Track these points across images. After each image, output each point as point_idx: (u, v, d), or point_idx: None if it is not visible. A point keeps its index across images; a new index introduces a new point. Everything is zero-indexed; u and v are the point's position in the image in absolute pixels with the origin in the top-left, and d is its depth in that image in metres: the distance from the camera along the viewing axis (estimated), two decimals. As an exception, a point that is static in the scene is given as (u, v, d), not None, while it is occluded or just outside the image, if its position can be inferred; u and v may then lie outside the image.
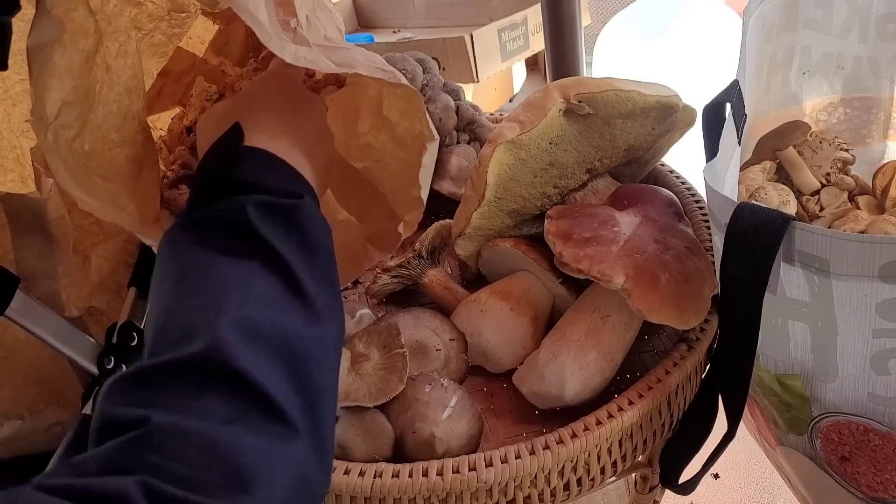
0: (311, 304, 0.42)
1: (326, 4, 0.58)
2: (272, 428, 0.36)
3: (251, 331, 0.38)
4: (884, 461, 0.56)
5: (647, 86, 0.67)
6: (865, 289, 0.49)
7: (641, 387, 0.58)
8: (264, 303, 0.40)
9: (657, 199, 0.68)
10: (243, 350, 0.37)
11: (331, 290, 0.45)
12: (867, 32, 0.75)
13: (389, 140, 0.61)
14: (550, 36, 1.02)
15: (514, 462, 0.53)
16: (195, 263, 0.42)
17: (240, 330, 0.38)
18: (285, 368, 0.38)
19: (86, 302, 0.72)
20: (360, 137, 0.63)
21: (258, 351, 0.38)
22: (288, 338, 0.40)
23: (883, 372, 0.52)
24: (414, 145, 0.59)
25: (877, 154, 0.83)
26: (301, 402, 0.38)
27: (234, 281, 0.40)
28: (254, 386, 0.36)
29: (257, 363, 0.37)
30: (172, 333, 0.38)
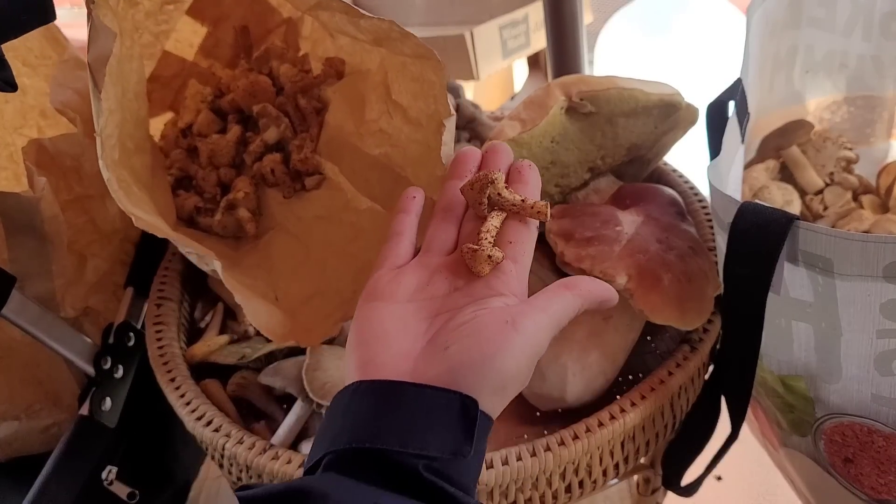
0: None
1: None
2: None
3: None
4: (888, 462, 0.56)
5: (649, 84, 0.66)
6: (869, 289, 0.49)
7: (644, 388, 0.58)
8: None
9: (660, 199, 0.67)
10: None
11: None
12: (871, 31, 0.75)
13: (403, 124, 0.60)
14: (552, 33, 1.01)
15: (514, 464, 0.53)
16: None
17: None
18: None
19: (82, 302, 0.72)
20: (371, 125, 0.62)
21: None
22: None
23: (887, 373, 0.52)
24: (430, 125, 0.58)
25: (880, 153, 0.82)
26: None
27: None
28: None
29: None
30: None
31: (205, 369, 0.67)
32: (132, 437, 0.70)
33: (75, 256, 0.71)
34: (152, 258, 0.78)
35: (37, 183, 0.64)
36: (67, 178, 0.69)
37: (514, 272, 0.43)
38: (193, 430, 0.60)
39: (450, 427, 0.37)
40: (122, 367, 0.70)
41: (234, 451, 0.56)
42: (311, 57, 0.74)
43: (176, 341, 0.68)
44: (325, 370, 0.58)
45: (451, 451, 0.37)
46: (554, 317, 0.41)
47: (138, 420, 0.70)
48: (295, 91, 0.70)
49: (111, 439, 0.67)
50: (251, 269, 0.65)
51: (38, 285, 0.68)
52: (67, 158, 0.67)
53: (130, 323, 0.72)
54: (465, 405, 0.38)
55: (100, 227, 0.73)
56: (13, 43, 0.54)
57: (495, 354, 0.39)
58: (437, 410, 0.37)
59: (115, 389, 0.69)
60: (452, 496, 0.36)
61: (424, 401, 0.37)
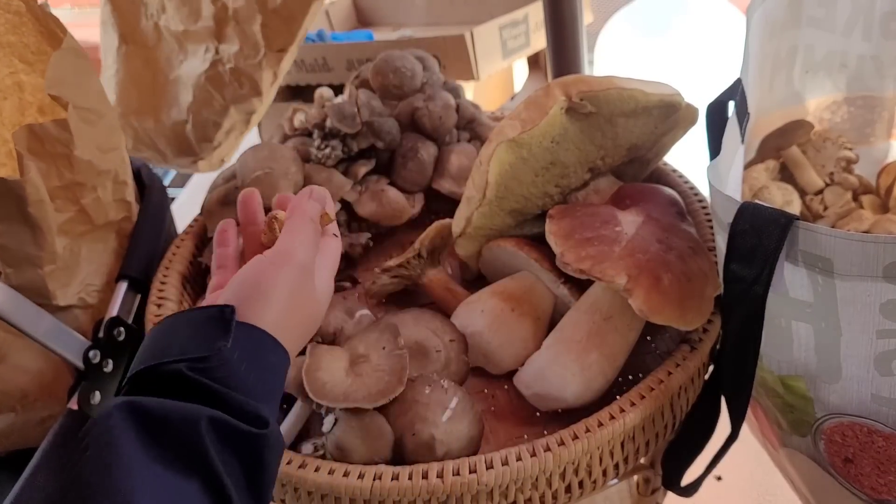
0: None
1: None
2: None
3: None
4: (887, 462, 0.55)
5: (649, 84, 0.66)
6: (869, 289, 0.49)
7: (643, 388, 0.58)
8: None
9: (660, 199, 0.67)
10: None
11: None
12: (871, 30, 0.75)
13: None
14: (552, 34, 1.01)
15: (514, 464, 0.53)
16: (126, 461, 0.37)
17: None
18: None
19: (74, 290, 0.72)
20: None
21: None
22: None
23: (887, 373, 0.52)
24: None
25: (881, 153, 0.82)
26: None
27: (162, 496, 0.37)
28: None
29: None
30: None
31: (205, 369, 0.67)
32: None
33: (68, 245, 0.71)
34: (145, 252, 0.78)
35: (26, 168, 0.64)
36: (58, 165, 0.69)
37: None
38: (193, 431, 0.60)
39: (208, 331, 0.44)
40: (112, 362, 0.70)
41: (234, 451, 0.56)
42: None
43: (176, 341, 0.68)
44: (325, 370, 0.58)
45: (209, 349, 0.43)
46: (304, 243, 0.50)
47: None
48: None
49: None
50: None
51: (28, 272, 0.68)
52: (58, 144, 0.68)
53: (120, 318, 0.72)
54: (221, 311, 0.45)
55: (92, 218, 0.73)
56: (9, 39, 0.54)
57: (259, 280, 0.48)
58: (199, 322, 0.45)
59: (104, 384, 0.69)
60: (209, 387, 0.41)
61: (192, 319, 0.45)
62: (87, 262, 0.74)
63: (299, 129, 0.85)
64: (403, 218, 0.82)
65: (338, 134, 0.81)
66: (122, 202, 0.78)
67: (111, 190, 0.76)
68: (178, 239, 0.80)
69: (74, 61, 0.71)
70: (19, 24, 0.73)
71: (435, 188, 0.84)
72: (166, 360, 0.42)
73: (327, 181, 0.80)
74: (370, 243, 0.82)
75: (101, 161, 0.73)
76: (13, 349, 0.71)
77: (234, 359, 0.43)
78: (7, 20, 0.71)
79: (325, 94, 0.83)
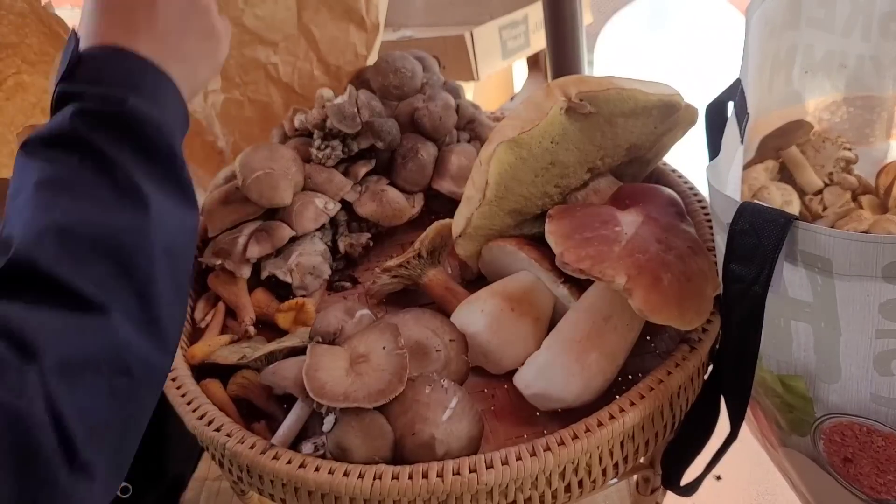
0: (141, 199, 0.46)
1: None
2: (77, 314, 0.41)
3: (61, 232, 0.43)
4: (887, 462, 0.56)
5: (648, 84, 0.66)
6: (868, 289, 0.49)
7: (643, 388, 0.58)
8: (82, 203, 0.44)
9: (659, 199, 0.67)
10: (49, 252, 0.42)
11: (177, 184, 0.49)
12: (870, 31, 0.75)
13: None
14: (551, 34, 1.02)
15: (514, 463, 0.53)
16: (22, 176, 0.45)
17: (50, 234, 0.42)
18: (102, 261, 0.43)
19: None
20: None
21: (66, 250, 0.42)
22: (105, 233, 0.44)
23: (886, 373, 0.52)
24: None
25: (880, 153, 0.82)
26: (123, 288, 0.44)
27: (53, 185, 0.45)
28: (58, 282, 0.41)
29: (61, 262, 0.42)
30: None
31: (205, 369, 0.67)
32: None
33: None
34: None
35: None
36: None
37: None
38: (195, 430, 0.60)
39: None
40: None
41: (235, 450, 0.56)
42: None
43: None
44: (326, 370, 0.58)
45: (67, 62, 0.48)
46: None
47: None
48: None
49: None
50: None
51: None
52: None
53: None
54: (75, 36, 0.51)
55: None
56: (12, 40, 0.56)
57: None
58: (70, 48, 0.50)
59: None
60: (71, 92, 0.47)
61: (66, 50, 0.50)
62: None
63: (299, 129, 0.85)
64: (403, 218, 0.82)
65: (338, 134, 0.81)
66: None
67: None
68: (179, 239, 0.80)
69: None
70: (22, 26, 0.73)
71: (435, 188, 0.84)
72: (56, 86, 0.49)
73: (328, 181, 0.80)
74: (370, 243, 0.82)
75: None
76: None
77: (92, 66, 0.49)
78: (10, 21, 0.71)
79: (325, 94, 0.83)
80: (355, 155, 0.83)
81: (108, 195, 0.45)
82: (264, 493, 0.59)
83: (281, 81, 0.93)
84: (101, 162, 0.46)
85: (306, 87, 0.94)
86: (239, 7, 0.87)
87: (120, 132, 0.47)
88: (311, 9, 0.90)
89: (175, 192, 0.49)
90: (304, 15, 0.90)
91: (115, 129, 0.47)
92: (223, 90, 0.93)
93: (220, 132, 0.99)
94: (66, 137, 0.46)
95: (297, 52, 0.92)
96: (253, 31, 0.89)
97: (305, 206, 0.78)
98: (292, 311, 0.73)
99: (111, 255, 0.44)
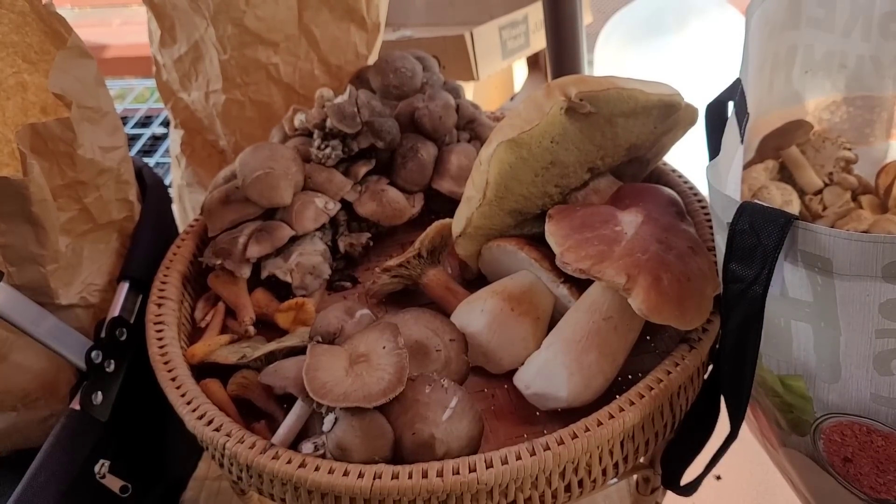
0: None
1: None
2: None
3: None
4: (886, 462, 0.56)
5: (648, 84, 0.66)
6: (868, 289, 0.49)
7: (643, 388, 0.58)
8: None
9: (659, 199, 0.67)
10: None
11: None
12: (870, 31, 0.75)
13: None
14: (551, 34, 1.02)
15: (514, 463, 0.53)
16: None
17: None
18: None
19: (76, 289, 0.72)
20: None
21: None
22: None
23: (886, 372, 0.52)
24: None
25: (880, 153, 0.82)
26: None
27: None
28: None
29: None
30: None
31: (205, 369, 0.68)
32: (125, 431, 0.70)
33: (70, 244, 0.71)
34: (147, 252, 0.78)
35: (29, 167, 0.65)
36: (61, 163, 0.69)
37: None
38: (194, 430, 0.60)
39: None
40: (114, 362, 0.70)
41: (235, 450, 0.57)
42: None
43: (176, 341, 0.69)
44: (325, 370, 0.58)
45: None
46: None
47: (132, 414, 0.71)
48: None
49: (103, 433, 0.68)
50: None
51: (30, 271, 0.68)
52: (61, 143, 0.68)
53: (123, 317, 0.72)
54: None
55: (94, 217, 0.74)
56: (13, 39, 0.54)
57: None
58: None
59: (106, 384, 0.69)
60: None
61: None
62: (90, 261, 0.74)
63: (299, 129, 0.85)
64: (404, 218, 0.82)
65: (338, 134, 0.81)
66: (125, 201, 0.78)
67: (113, 189, 0.76)
68: (179, 239, 0.80)
69: (79, 60, 0.71)
70: (23, 24, 0.73)
71: (435, 188, 0.84)
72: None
73: (328, 181, 0.81)
74: (370, 243, 0.82)
75: (104, 160, 0.74)
76: (14, 348, 0.71)
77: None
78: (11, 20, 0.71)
79: (325, 94, 0.83)
80: (355, 154, 0.83)
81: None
82: (264, 492, 0.59)
83: (282, 81, 0.93)
84: None
85: (307, 87, 0.94)
86: (241, 8, 0.86)
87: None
88: (312, 9, 0.90)
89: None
90: (305, 15, 0.89)
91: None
92: (224, 91, 0.93)
93: (222, 132, 0.99)
94: None
95: (298, 52, 0.92)
96: (254, 32, 0.88)
97: (305, 205, 0.78)
98: (292, 311, 0.73)
99: None
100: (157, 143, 1.74)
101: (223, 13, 0.87)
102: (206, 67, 0.94)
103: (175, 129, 1.04)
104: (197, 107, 0.98)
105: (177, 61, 0.96)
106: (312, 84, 0.93)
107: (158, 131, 1.77)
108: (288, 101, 0.93)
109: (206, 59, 0.93)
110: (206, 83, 0.95)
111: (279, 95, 0.94)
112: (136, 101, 1.98)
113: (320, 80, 0.94)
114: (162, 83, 1.00)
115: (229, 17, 0.87)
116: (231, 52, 0.90)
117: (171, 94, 1.00)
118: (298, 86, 0.94)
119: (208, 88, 0.95)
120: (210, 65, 0.93)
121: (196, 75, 0.96)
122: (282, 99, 0.94)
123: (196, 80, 0.96)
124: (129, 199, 0.78)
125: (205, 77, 0.95)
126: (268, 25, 0.88)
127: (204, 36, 0.90)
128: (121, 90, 2.07)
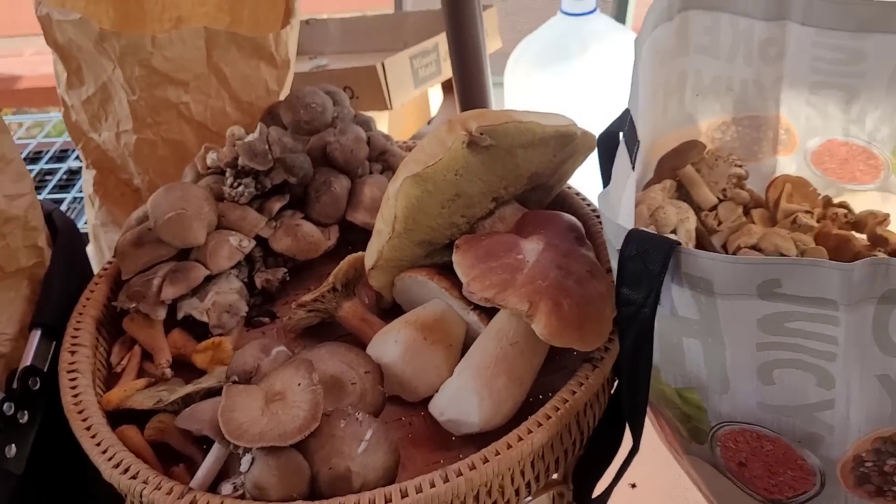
0: None
1: None
2: None
3: None
4: (776, 465, 0.59)
5: (545, 116, 0.69)
6: (746, 306, 0.52)
7: (549, 409, 0.60)
8: None
9: (559, 225, 0.70)
10: None
11: None
12: (751, 56, 0.80)
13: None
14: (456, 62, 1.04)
15: (429, 491, 0.55)
16: None
17: None
18: None
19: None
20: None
21: None
22: None
23: (769, 382, 0.56)
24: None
25: (768, 168, 0.87)
26: None
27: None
28: None
29: None
30: None
31: (122, 415, 0.67)
32: (42, 483, 0.69)
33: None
34: (59, 298, 0.77)
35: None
36: None
37: None
38: (111, 479, 0.60)
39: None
40: (28, 413, 0.69)
41: (152, 497, 0.57)
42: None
43: (91, 388, 0.68)
44: (241, 411, 0.59)
45: None
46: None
47: (49, 466, 0.70)
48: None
49: (18, 486, 0.66)
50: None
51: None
52: None
53: (35, 367, 0.71)
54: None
55: (2, 265, 0.73)
56: None
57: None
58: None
59: (20, 435, 0.68)
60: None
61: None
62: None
63: (212, 167, 0.85)
64: (319, 251, 0.83)
65: (250, 171, 0.82)
66: (34, 248, 0.77)
67: (21, 236, 0.75)
68: (92, 283, 0.80)
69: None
70: None
71: (349, 220, 0.85)
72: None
73: (241, 219, 0.81)
74: (287, 277, 0.83)
75: (10, 207, 0.73)
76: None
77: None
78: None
79: (236, 132, 0.84)
80: (269, 191, 0.84)
81: None
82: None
83: (194, 120, 0.93)
84: None
85: (220, 125, 0.94)
86: (148, 49, 0.86)
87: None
88: (220, 48, 0.90)
89: None
90: (214, 54, 0.90)
91: None
92: (135, 131, 0.93)
93: (135, 171, 0.98)
94: None
95: (209, 90, 0.92)
96: (163, 72, 0.88)
97: (220, 244, 0.78)
98: (209, 351, 0.73)
99: None
100: (73, 177, 1.70)
101: (130, 55, 0.87)
102: (115, 108, 0.93)
103: (87, 170, 1.03)
104: (108, 147, 0.97)
105: (85, 102, 0.95)
106: (224, 121, 0.93)
107: (75, 165, 1.73)
108: (200, 138, 0.93)
109: (115, 99, 0.92)
110: (116, 123, 0.94)
111: (191, 133, 0.94)
112: (51, 134, 1.94)
113: (232, 116, 0.94)
114: (71, 124, 0.99)
115: (136, 59, 0.87)
116: (140, 93, 0.90)
117: (81, 134, 0.99)
118: (210, 123, 0.94)
119: (119, 129, 0.94)
120: (119, 105, 0.92)
121: (106, 116, 0.95)
122: (194, 137, 0.94)
123: (106, 120, 0.95)
124: (38, 244, 0.78)
125: (115, 117, 0.94)
126: (176, 65, 0.89)
127: (112, 77, 0.90)
128: (35, 122, 2.02)
